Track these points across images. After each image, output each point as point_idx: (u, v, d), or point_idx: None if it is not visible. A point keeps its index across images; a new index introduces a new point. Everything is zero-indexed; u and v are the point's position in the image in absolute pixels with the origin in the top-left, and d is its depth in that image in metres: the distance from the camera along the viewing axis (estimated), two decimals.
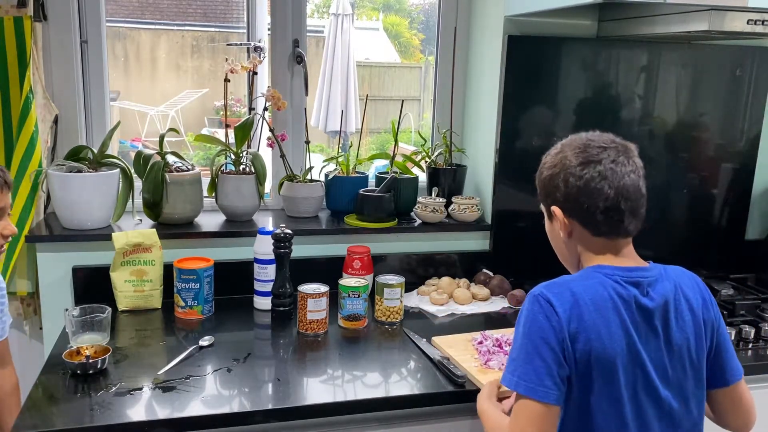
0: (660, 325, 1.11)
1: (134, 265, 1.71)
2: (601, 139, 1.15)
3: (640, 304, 1.10)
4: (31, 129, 1.74)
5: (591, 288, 1.10)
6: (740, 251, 2.24)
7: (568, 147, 1.16)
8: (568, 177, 1.14)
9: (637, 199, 1.12)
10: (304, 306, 1.61)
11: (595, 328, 1.06)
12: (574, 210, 1.15)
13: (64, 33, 1.85)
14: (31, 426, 1.17)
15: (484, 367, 1.43)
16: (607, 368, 1.07)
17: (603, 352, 1.06)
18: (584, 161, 1.13)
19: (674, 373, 1.12)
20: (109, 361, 1.41)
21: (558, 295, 1.09)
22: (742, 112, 2.14)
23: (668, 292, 1.13)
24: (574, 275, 1.15)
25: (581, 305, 1.07)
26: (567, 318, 1.06)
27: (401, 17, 7.39)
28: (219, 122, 4.39)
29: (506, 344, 1.52)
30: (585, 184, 1.12)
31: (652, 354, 1.10)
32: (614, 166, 1.11)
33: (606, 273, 1.12)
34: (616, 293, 1.09)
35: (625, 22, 1.87)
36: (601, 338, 1.06)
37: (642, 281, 1.12)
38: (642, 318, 1.10)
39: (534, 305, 1.10)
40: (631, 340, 1.08)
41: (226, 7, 5.23)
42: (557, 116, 2.00)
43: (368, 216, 1.94)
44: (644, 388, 1.10)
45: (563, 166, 1.15)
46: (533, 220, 2.08)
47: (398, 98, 2.23)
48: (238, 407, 1.27)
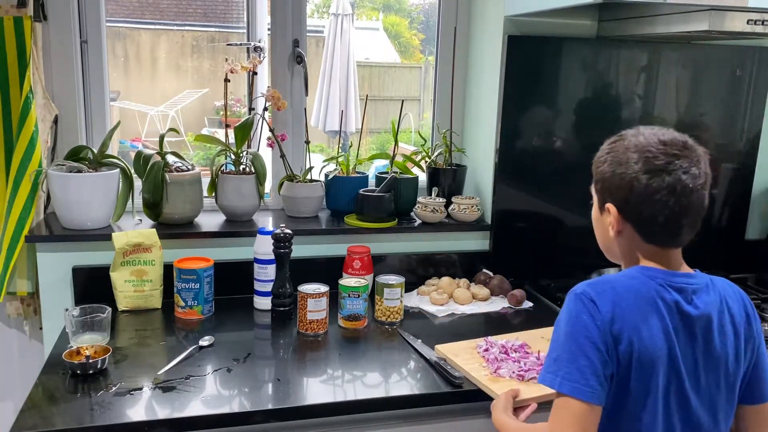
0: (700, 334, 1.08)
1: (134, 265, 1.71)
2: (674, 143, 1.07)
3: (683, 310, 1.07)
4: (31, 129, 1.74)
5: (634, 288, 1.07)
6: (740, 251, 2.24)
7: (636, 147, 1.08)
8: (632, 181, 1.07)
9: (698, 213, 1.09)
10: (304, 306, 1.61)
11: (637, 329, 1.04)
12: (632, 215, 1.10)
13: (64, 33, 1.85)
14: (31, 426, 1.17)
15: (495, 375, 1.40)
16: (647, 370, 1.05)
17: (645, 353, 1.04)
18: (654, 168, 1.06)
19: (707, 386, 1.10)
20: (109, 361, 1.41)
21: (601, 293, 1.06)
22: (742, 112, 2.14)
23: (712, 303, 1.10)
24: (618, 275, 1.12)
25: (624, 305, 1.05)
26: (611, 317, 1.04)
27: (401, 17, 7.39)
28: (219, 122, 4.40)
29: (512, 350, 1.50)
30: (650, 195, 1.06)
31: (689, 362, 1.08)
32: (685, 178, 1.05)
33: (650, 275, 1.09)
34: (659, 296, 1.07)
35: (625, 22, 1.87)
36: (643, 339, 1.04)
37: (686, 288, 1.09)
38: (683, 324, 1.07)
39: (577, 304, 1.07)
40: (671, 346, 1.06)
41: (226, 7, 5.24)
42: (557, 116, 2.00)
43: (368, 216, 1.94)
44: (677, 396, 1.07)
45: (629, 167, 1.08)
46: (533, 220, 2.09)
47: (398, 98, 2.23)
48: (238, 407, 1.27)
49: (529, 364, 1.43)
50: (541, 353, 1.47)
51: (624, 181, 1.09)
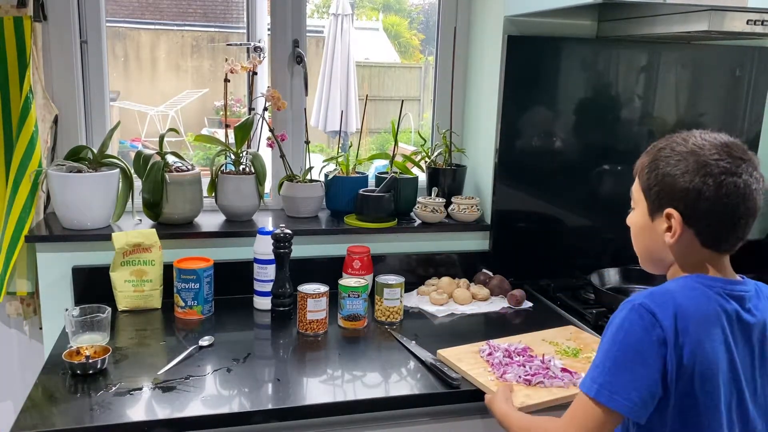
0: (757, 342, 1.08)
1: (134, 265, 1.71)
2: (736, 146, 1.07)
3: (742, 319, 1.07)
4: (30, 129, 1.74)
5: (696, 299, 1.06)
6: (740, 251, 2.23)
7: (697, 151, 1.06)
8: (701, 186, 1.05)
9: (756, 216, 1.09)
10: (303, 306, 1.61)
11: (700, 343, 1.02)
12: (698, 220, 1.07)
13: (64, 33, 1.85)
14: (31, 426, 1.17)
15: (501, 380, 1.38)
16: (711, 385, 1.03)
17: (707, 368, 1.02)
18: (724, 171, 1.04)
19: (764, 394, 1.09)
20: (109, 361, 1.41)
21: (662, 306, 1.04)
22: (742, 112, 2.14)
23: (765, 310, 1.10)
24: (676, 285, 1.09)
25: (687, 318, 1.03)
26: (672, 331, 1.02)
27: (401, 17, 7.39)
28: (219, 122, 4.40)
29: (515, 353, 1.48)
30: (720, 198, 1.05)
31: (747, 372, 1.07)
32: (752, 182, 1.06)
33: (709, 284, 1.07)
34: (721, 307, 1.06)
35: (625, 22, 1.87)
36: (705, 353, 1.02)
37: (744, 296, 1.08)
38: (741, 334, 1.07)
39: (633, 314, 1.04)
40: (731, 357, 1.05)
41: (226, 7, 5.24)
42: (557, 116, 2.00)
43: (368, 216, 1.94)
44: (738, 407, 1.07)
45: (697, 172, 1.05)
46: (533, 220, 2.09)
47: (398, 98, 2.22)
48: (238, 407, 1.27)
49: (534, 368, 1.41)
50: (545, 356, 1.47)
51: (692, 184, 1.06)
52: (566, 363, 1.45)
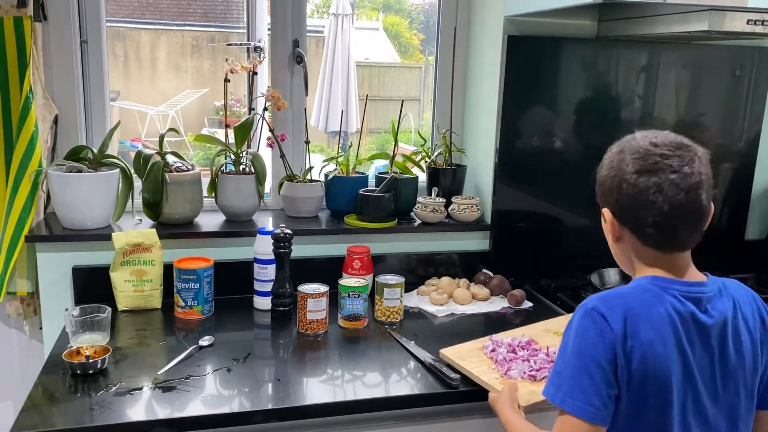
0: (716, 343, 1.07)
1: (134, 265, 1.71)
2: (665, 144, 1.06)
3: (698, 320, 1.05)
4: (31, 129, 1.74)
5: (648, 302, 1.05)
6: (740, 251, 2.24)
7: (629, 149, 1.08)
8: (622, 183, 1.07)
9: (695, 214, 1.06)
10: (304, 306, 1.61)
11: (651, 346, 1.02)
12: (625, 217, 1.09)
13: (64, 33, 1.85)
14: (31, 426, 1.17)
15: (506, 377, 1.36)
16: (662, 387, 1.03)
17: (659, 370, 1.02)
18: (641, 169, 1.05)
19: (726, 394, 1.08)
20: (109, 361, 1.41)
21: (613, 309, 1.04)
22: (742, 112, 2.14)
23: (727, 310, 1.08)
24: (629, 288, 1.09)
25: (637, 321, 1.03)
26: (622, 334, 1.02)
27: (401, 17, 7.39)
28: (219, 122, 4.40)
29: (519, 348, 1.46)
30: (638, 194, 1.05)
31: (705, 373, 1.06)
32: (675, 177, 1.03)
33: (663, 286, 1.07)
34: (674, 309, 1.05)
35: (625, 22, 1.87)
36: (657, 356, 1.02)
37: (701, 297, 1.07)
38: (698, 335, 1.05)
39: (585, 319, 1.05)
40: (685, 359, 1.04)
41: (226, 7, 5.24)
42: (557, 116, 2.00)
43: (368, 216, 1.94)
44: (694, 409, 1.06)
45: (620, 169, 1.07)
46: (533, 220, 2.09)
47: (398, 98, 2.23)
48: (238, 407, 1.27)
49: (539, 362, 1.39)
50: (550, 349, 1.44)
51: (614, 183, 1.08)
52: None
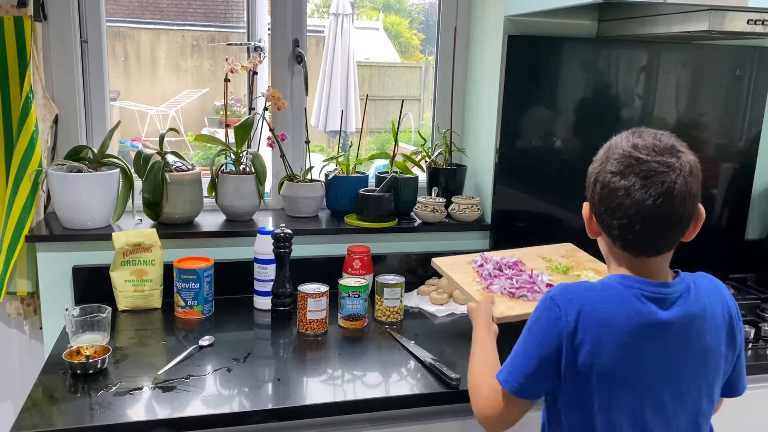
0: (679, 343, 1.07)
1: (134, 264, 1.71)
2: (647, 147, 1.04)
3: (659, 320, 1.05)
4: (31, 129, 1.74)
5: (607, 300, 1.06)
6: (740, 251, 2.24)
7: (613, 148, 1.07)
8: (598, 181, 1.07)
9: (662, 222, 1.03)
10: (304, 306, 1.61)
11: (600, 344, 1.03)
12: (597, 215, 1.10)
13: (64, 33, 1.85)
14: (31, 426, 1.17)
15: (487, 290, 1.46)
16: (611, 385, 1.04)
17: (608, 368, 1.04)
18: (616, 170, 1.04)
19: (689, 391, 1.08)
20: (109, 361, 1.41)
21: (570, 302, 1.06)
22: (742, 112, 2.14)
23: (693, 309, 1.08)
24: (596, 282, 1.11)
25: (591, 317, 1.04)
26: (573, 328, 1.04)
27: (401, 17, 7.39)
28: (219, 122, 4.40)
29: (506, 267, 1.55)
30: (609, 194, 1.05)
31: (667, 372, 1.06)
32: (646, 183, 1.01)
33: (628, 285, 1.07)
34: (634, 309, 1.05)
35: (625, 22, 1.87)
36: (606, 354, 1.03)
37: (666, 298, 1.07)
38: (659, 336, 1.05)
39: (542, 306, 1.09)
40: (642, 359, 1.05)
41: (226, 7, 5.24)
42: (557, 116, 2.00)
43: (368, 216, 1.94)
44: (652, 408, 1.06)
45: (601, 167, 1.08)
46: (533, 220, 2.09)
47: (398, 98, 2.23)
48: (238, 407, 1.27)
49: (521, 281, 1.46)
50: (533, 271, 1.50)
51: (592, 179, 1.10)
52: (554, 279, 1.51)
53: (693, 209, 1.06)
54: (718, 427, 1.26)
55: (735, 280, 2.08)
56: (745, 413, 1.62)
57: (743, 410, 1.62)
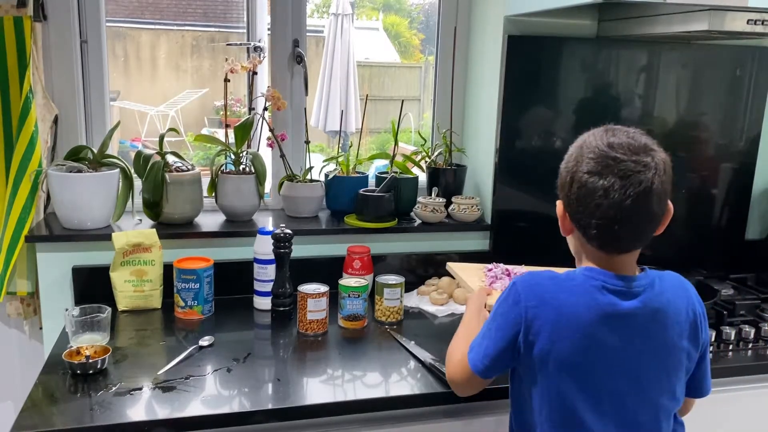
0: (639, 337, 1.07)
1: (134, 265, 1.71)
2: (622, 146, 1.04)
3: (619, 311, 1.06)
4: (30, 129, 1.74)
5: (568, 289, 1.08)
6: (740, 251, 2.24)
7: (587, 146, 1.07)
8: (573, 180, 1.07)
9: (640, 221, 1.04)
10: (304, 306, 1.61)
11: (558, 332, 1.05)
12: (572, 213, 1.10)
13: (64, 33, 1.85)
14: (31, 426, 1.17)
15: (489, 288, 1.55)
16: (567, 373, 1.06)
17: (564, 356, 1.06)
18: (593, 170, 1.04)
19: (648, 384, 1.09)
20: (109, 361, 1.41)
21: (531, 288, 1.10)
22: (742, 112, 2.14)
23: (655, 303, 1.08)
24: (561, 273, 1.13)
25: (551, 305, 1.07)
26: (533, 314, 1.07)
27: (401, 17, 7.39)
28: (219, 122, 4.39)
29: (514, 274, 1.63)
30: (586, 195, 1.05)
31: (625, 364, 1.07)
32: (624, 183, 1.01)
33: (591, 276, 1.09)
34: (594, 299, 1.06)
35: (625, 22, 1.87)
36: (562, 341, 1.05)
37: (627, 291, 1.08)
38: (618, 328, 1.06)
39: (508, 290, 1.12)
40: (599, 349, 1.06)
41: (226, 7, 5.23)
42: (557, 116, 2.00)
43: (368, 216, 1.94)
44: (610, 398, 1.07)
45: (575, 165, 1.08)
46: (533, 220, 2.09)
47: (398, 98, 2.22)
48: (238, 407, 1.27)
49: None
50: None
51: (567, 178, 1.10)
52: None
53: (665, 206, 1.08)
54: (718, 426, 1.27)
55: (735, 280, 2.08)
56: (745, 413, 1.62)
57: (743, 410, 1.62)
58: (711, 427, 1.55)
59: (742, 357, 1.63)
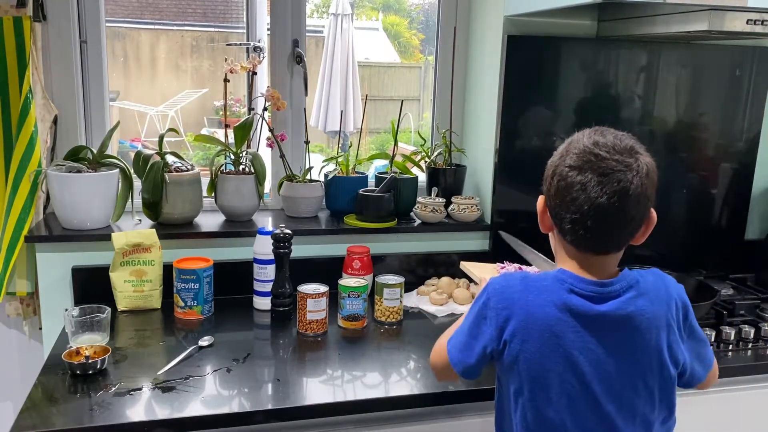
0: (609, 338, 1.06)
1: (134, 265, 1.71)
2: (606, 146, 1.04)
3: (587, 313, 1.05)
4: (30, 129, 1.74)
5: (537, 290, 1.08)
6: (740, 251, 2.24)
7: (574, 143, 1.08)
8: (555, 174, 1.08)
9: (613, 220, 1.03)
10: (303, 306, 1.61)
11: (527, 331, 1.06)
12: (552, 209, 1.11)
13: (64, 33, 1.85)
14: (30, 426, 1.17)
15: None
16: (539, 376, 1.06)
17: (536, 357, 1.06)
18: (574, 165, 1.04)
19: (623, 389, 1.07)
20: (109, 361, 1.41)
21: (502, 289, 1.10)
22: (741, 112, 2.14)
23: (629, 308, 1.07)
24: (534, 274, 1.13)
25: (520, 306, 1.07)
26: (504, 317, 1.08)
27: (401, 17, 7.39)
28: (218, 122, 4.39)
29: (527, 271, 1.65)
30: (565, 188, 1.05)
31: (599, 368, 1.06)
32: (602, 180, 1.02)
33: (561, 278, 1.08)
34: (564, 302, 1.06)
35: (625, 22, 1.87)
36: (531, 342, 1.05)
37: (597, 296, 1.06)
38: (591, 332, 1.05)
39: (483, 290, 1.13)
40: (570, 353, 1.05)
41: (225, 7, 5.23)
42: (557, 116, 2.00)
43: (368, 216, 1.94)
44: (585, 400, 1.06)
45: (560, 160, 1.08)
46: (533, 220, 2.08)
47: (398, 98, 2.23)
48: (238, 407, 1.27)
49: None
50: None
51: (550, 172, 1.10)
52: None
53: (645, 212, 1.07)
54: (719, 426, 1.27)
55: (735, 280, 2.08)
56: (745, 413, 1.62)
57: (743, 410, 1.62)
58: (711, 427, 1.55)
59: (742, 357, 1.63)
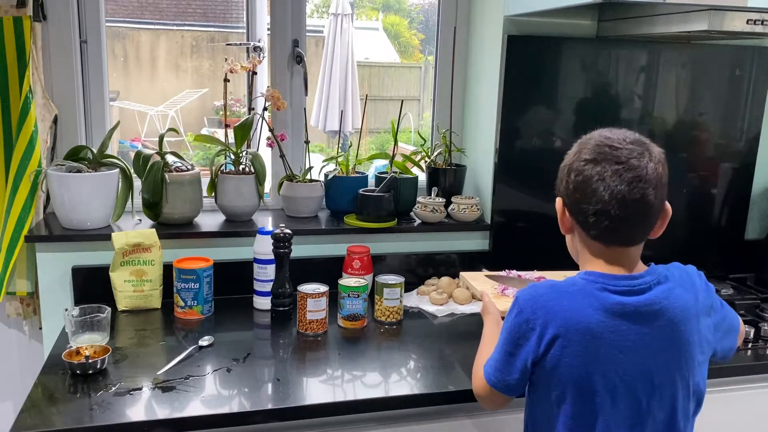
0: (647, 332, 1.07)
1: (134, 265, 1.71)
2: (617, 138, 1.08)
3: (624, 311, 1.06)
4: (30, 129, 1.74)
5: (570, 295, 1.08)
6: (740, 251, 2.24)
7: (585, 142, 1.12)
8: (571, 171, 1.10)
9: (636, 208, 1.05)
10: (303, 306, 1.61)
11: (567, 337, 1.05)
12: (571, 205, 1.11)
13: (64, 33, 1.85)
14: (30, 426, 1.17)
15: (501, 294, 1.58)
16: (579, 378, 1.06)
17: (572, 362, 1.06)
18: (589, 158, 1.07)
19: (662, 384, 1.08)
20: (109, 361, 1.41)
21: (533, 299, 1.10)
22: (741, 112, 2.14)
23: (662, 301, 1.08)
24: (561, 281, 1.13)
25: (555, 313, 1.07)
26: (540, 326, 1.07)
27: (401, 17, 7.39)
28: (219, 122, 4.39)
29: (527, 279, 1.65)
30: (583, 182, 1.07)
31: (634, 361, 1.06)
32: (619, 168, 1.04)
33: (591, 280, 1.09)
34: (597, 300, 1.07)
35: (625, 22, 1.87)
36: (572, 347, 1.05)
37: (631, 290, 1.08)
38: (625, 325, 1.06)
39: (512, 305, 1.13)
40: (607, 348, 1.05)
41: (225, 7, 5.23)
42: (557, 116, 2.00)
43: (368, 216, 1.94)
44: (628, 398, 1.07)
45: (574, 158, 1.11)
46: (533, 220, 2.09)
47: (398, 98, 2.23)
48: (238, 407, 1.27)
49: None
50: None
51: (565, 172, 1.12)
52: None
53: (663, 198, 1.09)
54: (718, 426, 1.27)
55: (735, 280, 2.08)
56: (745, 413, 1.62)
57: (743, 410, 1.62)
58: (711, 427, 1.55)
59: (742, 357, 1.62)
